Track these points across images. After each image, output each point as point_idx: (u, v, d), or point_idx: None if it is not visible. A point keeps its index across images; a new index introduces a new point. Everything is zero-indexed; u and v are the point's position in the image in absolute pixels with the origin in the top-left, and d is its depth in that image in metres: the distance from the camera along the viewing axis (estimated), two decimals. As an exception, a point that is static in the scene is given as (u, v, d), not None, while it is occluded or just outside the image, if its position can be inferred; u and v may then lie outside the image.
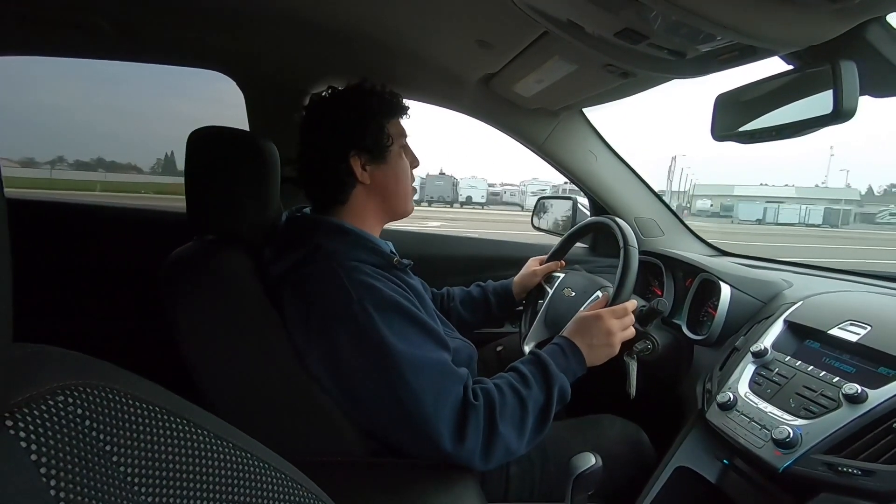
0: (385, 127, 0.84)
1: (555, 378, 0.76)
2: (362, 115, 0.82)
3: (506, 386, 0.74)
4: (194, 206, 0.79)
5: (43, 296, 1.23)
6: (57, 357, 0.28)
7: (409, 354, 0.69)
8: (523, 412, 0.73)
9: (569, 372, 0.79)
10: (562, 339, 0.84)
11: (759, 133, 0.78)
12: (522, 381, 0.76)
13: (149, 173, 26.04)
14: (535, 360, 0.79)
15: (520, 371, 0.78)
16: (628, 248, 0.92)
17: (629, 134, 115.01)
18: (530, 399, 0.74)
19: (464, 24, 0.93)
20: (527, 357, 0.81)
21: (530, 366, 0.78)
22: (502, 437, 0.70)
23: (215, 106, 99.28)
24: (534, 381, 0.76)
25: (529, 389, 0.75)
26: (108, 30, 1.06)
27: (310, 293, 0.74)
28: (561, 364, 0.79)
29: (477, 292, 1.17)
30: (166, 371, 0.57)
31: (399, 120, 0.88)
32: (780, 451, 0.65)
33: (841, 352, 0.73)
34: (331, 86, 0.87)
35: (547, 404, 0.75)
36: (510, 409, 0.72)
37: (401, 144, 0.87)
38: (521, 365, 0.79)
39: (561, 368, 0.78)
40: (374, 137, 0.82)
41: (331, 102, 0.84)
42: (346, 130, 0.81)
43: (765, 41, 0.64)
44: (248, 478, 0.35)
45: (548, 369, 0.77)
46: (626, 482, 0.85)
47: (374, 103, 0.83)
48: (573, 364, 0.80)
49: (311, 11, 0.99)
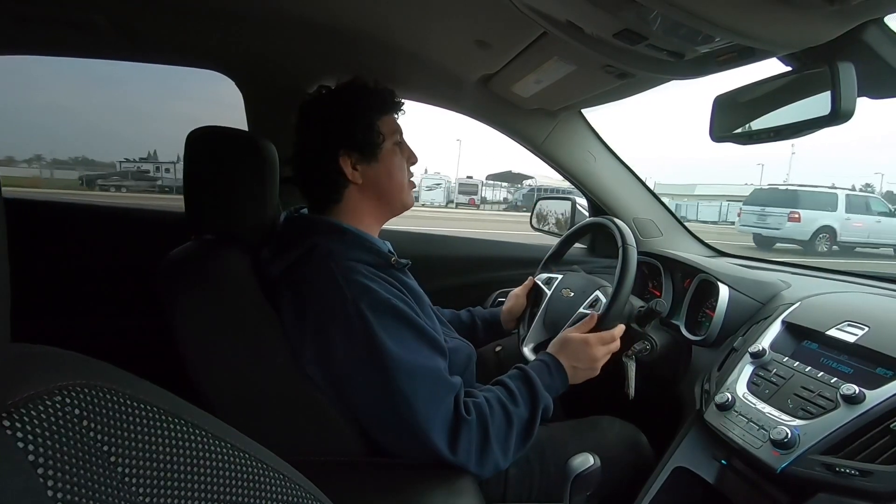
0: (375, 124, 0.82)
1: (540, 398, 0.78)
2: (351, 113, 0.81)
3: (495, 402, 0.75)
4: (193, 205, 0.79)
5: (41, 296, 1.23)
6: (55, 357, 0.28)
7: (403, 358, 0.69)
8: (509, 430, 0.74)
9: (552, 389, 0.82)
10: (549, 357, 0.85)
11: (757, 134, 0.78)
12: (511, 399, 0.77)
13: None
14: (522, 376, 0.81)
15: (508, 387, 0.79)
16: (627, 249, 0.93)
17: (618, 133, 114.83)
18: (516, 416, 0.75)
19: (463, 24, 0.94)
20: (514, 372, 0.83)
21: (518, 382, 0.80)
22: (493, 453, 0.71)
23: (203, 105, 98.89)
24: (521, 398, 0.77)
25: (517, 407, 0.76)
26: (107, 30, 1.06)
27: (306, 293, 0.73)
28: (546, 382, 0.81)
29: (466, 317, 1.16)
30: (164, 371, 0.57)
31: (392, 116, 0.86)
32: (778, 451, 0.65)
33: (839, 352, 0.73)
34: (321, 85, 0.86)
35: (531, 422, 0.77)
36: (498, 426, 0.73)
37: (394, 141, 0.85)
38: (509, 381, 0.80)
39: (545, 386, 0.80)
40: (364, 136, 0.81)
41: (321, 102, 0.84)
42: (334, 130, 0.81)
43: (763, 42, 0.64)
44: (246, 478, 0.35)
45: (534, 388, 0.79)
46: (625, 483, 0.85)
47: (363, 101, 0.82)
48: (557, 383, 0.83)
49: (310, 11, 0.99)
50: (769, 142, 0.77)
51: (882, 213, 10.27)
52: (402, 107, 0.88)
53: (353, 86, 0.84)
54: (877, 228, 10.18)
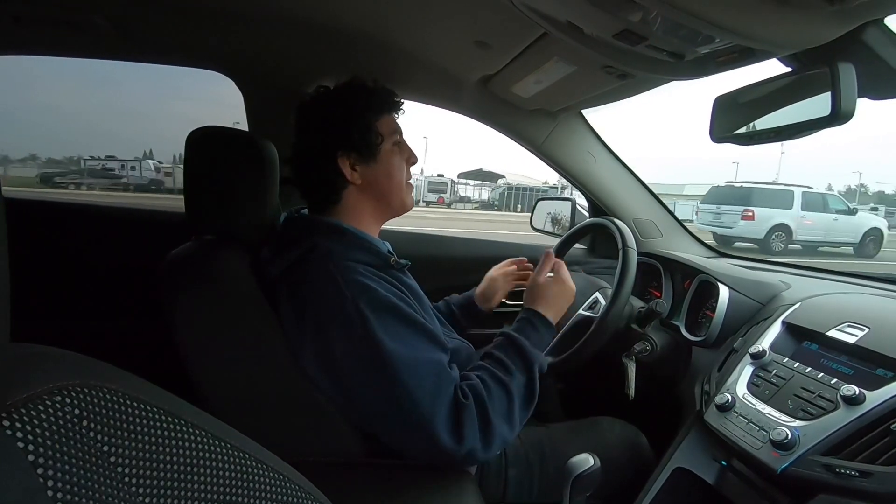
0: (373, 125, 0.82)
1: (533, 358, 0.78)
2: (349, 114, 0.81)
3: (489, 378, 0.75)
4: (193, 206, 0.79)
5: (41, 296, 1.23)
6: (55, 357, 0.28)
7: (404, 354, 0.69)
8: (510, 402, 0.74)
9: (542, 344, 0.82)
10: (528, 311, 0.86)
11: (757, 135, 0.78)
12: (504, 369, 0.76)
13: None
14: (510, 342, 0.80)
15: (498, 358, 0.78)
16: (627, 249, 0.93)
17: (622, 134, 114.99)
18: (514, 386, 0.75)
19: (462, 24, 0.94)
20: (500, 340, 0.81)
21: (507, 350, 0.79)
22: (496, 428, 0.71)
23: (201, 104, 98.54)
24: (513, 366, 0.77)
25: (511, 377, 0.76)
26: (107, 30, 1.06)
27: (305, 293, 0.74)
28: (534, 340, 0.81)
29: (443, 306, 1.16)
30: (164, 371, 0.57)
31: (392, 116, 0.86)
32: (778, 452, 0.65)
33: (839, 353, 0.73)
34: (320, 85, 0.86)
35: (529, 386, 0.77)
36: (497, 402, 0.73)
37: (394, 141, 0.85)
38: (497, 351, 0.79)
39: (535, 343, 0.80)
40: (362, 136, 0.81)
41: (319, 102, 0.84)
42: (333, 131, 0.80)
43: (763, 43, 0.64)
44: (245, 478, 0.35)
45: (524, 351, 0.78)
46: (625, 484, 0.85)
47: (361, 101, 0.82)
48: (545, 334, 0.83)
49: (310, 12, 0.99)
50: (769, 142, 0.77)
51: (840, 210, 9.90)
52: (402, 107, 0.88)
53: (351, 86, 0.83)
54: (833, 226, 9.75)
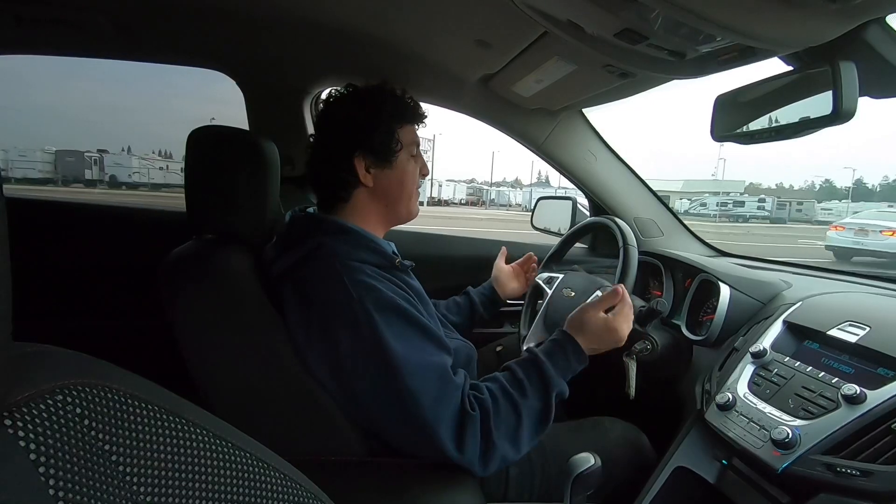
0: (395, 132, 0.82)
1: (553, 384, 0.75)
2: (373, 117, 0.81)
3: (500, 393, 0.73)
4: (194, 205, 0.79)
5: (43, 295, 1.23)
6: (56, 356, 0.28)
7: (409, 357, 0.69)
8: (518, 422, 0.72)
9: (568, 372, 0.78)
10: (564, 335, 0.82)
11: (758, 134, 0.78)
12: (518, 388, 0.74)
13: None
14: (532, 363, 0.78)
15: (517, 377, 0.76)
16: (628, 248, 0.92)
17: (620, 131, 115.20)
18: (525, 407, 0.73)
19: (463, 23, 0.94)
20: (524, 357, 0.80)
21: (529, 370, 0.77)
22: (497, 448, 0.70)
23: (198, 102, 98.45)
24: (529, 386, 0.74)
25: (525, 398, 0.73)
26: (108, 29, 1.06)
27: (310, 292, 0.74)
28: (560, 365, 0.77)
29: (462, 299, 1.17)
30: (166, 370, 0.57)
31: (413, 127, 0.86)
32: (779, 451, 0.65)
33: (840, 352, 0.73)
34: (350, 84, 0.86)
35: (544, 410, 0.74)
36: (504, 419, 0.71)
37: (411, 153, 0.86)
38: (517, 367, 0.77)
39: (560, 369, 0.77)
40: (382, 141, 0.81)
41: (345, 100, 0.84)
42: (353, 130, 0.81)
43: (764, 42, 0.64)
44: (247, 477, 0.35)
45: (545, 374, 0.76)
46: (626, 483, 0.85)
47: (387, 107, 0.82)
48: (573, 363, 0.79)
49: (310, 11, 0.99)
50: (770, 141, 0.77)
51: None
52: (425, 119, 0.88)
53: (381, 90, 0.84)
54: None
